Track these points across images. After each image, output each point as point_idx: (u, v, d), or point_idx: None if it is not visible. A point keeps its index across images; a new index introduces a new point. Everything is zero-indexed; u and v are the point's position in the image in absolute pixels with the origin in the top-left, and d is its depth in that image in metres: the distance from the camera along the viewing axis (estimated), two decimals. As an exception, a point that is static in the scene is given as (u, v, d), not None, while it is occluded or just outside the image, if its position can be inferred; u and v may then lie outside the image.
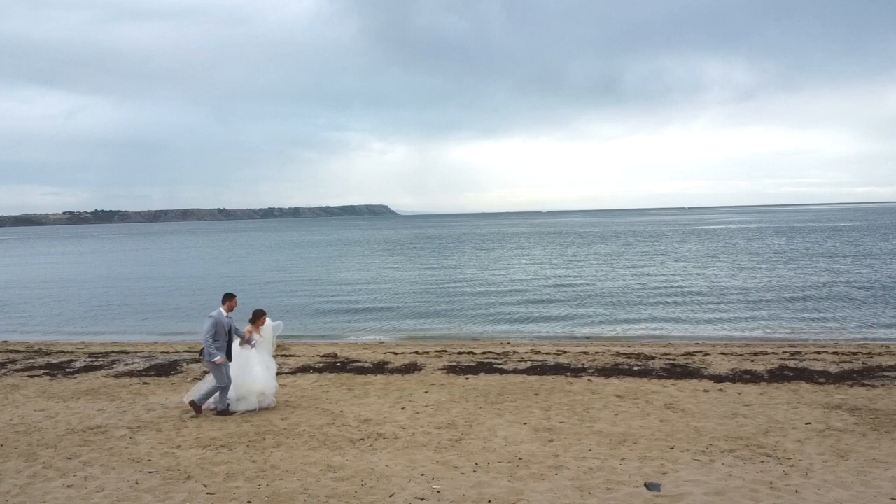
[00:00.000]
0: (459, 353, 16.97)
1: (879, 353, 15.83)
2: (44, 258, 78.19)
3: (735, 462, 8.06)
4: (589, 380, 13.22)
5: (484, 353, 17.12)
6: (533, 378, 13.52)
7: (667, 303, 27.89)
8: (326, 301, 31.62)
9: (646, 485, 7.05)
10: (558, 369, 14.33)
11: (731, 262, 45.08)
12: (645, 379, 13.24)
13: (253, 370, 10.94)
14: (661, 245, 67.68)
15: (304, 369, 14.98)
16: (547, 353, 16.73)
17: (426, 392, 12.45)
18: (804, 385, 12.44)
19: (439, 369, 14.66)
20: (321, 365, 15.48)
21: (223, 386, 10.74)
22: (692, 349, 17.21)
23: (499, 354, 16.70)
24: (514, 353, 17.01)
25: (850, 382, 12.57)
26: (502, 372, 14.22)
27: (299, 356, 16.96)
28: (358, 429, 9.95)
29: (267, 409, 11.11)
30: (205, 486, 7.61)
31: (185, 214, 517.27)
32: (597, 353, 16.87)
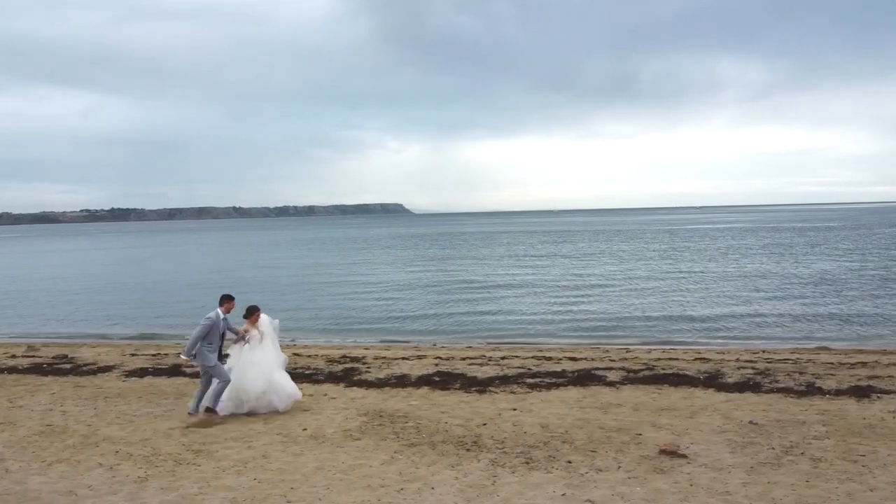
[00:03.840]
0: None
1: (570, 359, 15.84)
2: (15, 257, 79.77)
3: (119, 465, 8.29)
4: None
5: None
6: (185, 379, 13.77)
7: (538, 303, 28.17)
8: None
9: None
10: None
11: (656, 262, 45.03)
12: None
13: (244, 372, 10.46)
14: (623, 244, 68.03)
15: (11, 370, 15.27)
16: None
17: (53, 393, 12.74)
18: (423, 389, 12.51)
19: (127, 372, 14.90)
20: (26, 365, 15.81)
21: (227, 380, 10.28)
22: (409, 353, 17.37)
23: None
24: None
25: (476, 388, 12.58)
26: (172, 375, 14.45)
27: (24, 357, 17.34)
28: None
29: (275, 412, 10.58)
30: None
31: (201, 213, 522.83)
32: (324, 354, 17.13)
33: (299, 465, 8.26)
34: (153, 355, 17.36)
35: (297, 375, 13.95)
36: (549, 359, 15.94)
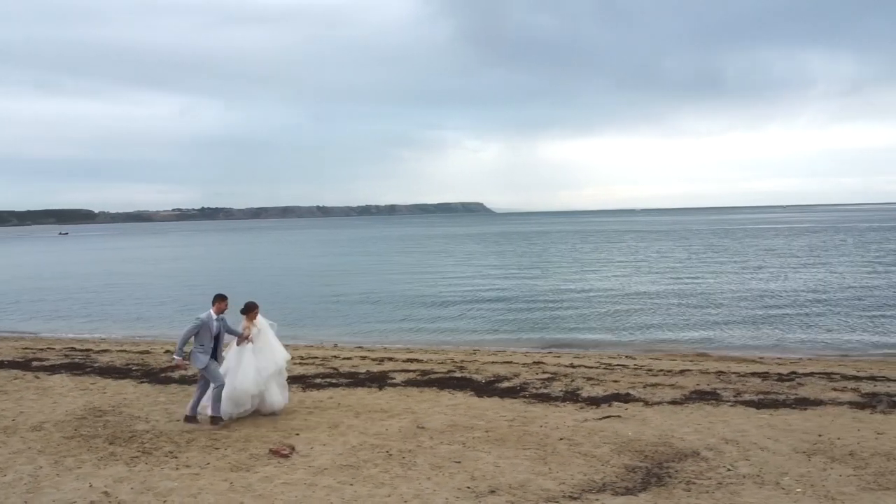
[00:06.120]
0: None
1: (408, 360, 16.03)
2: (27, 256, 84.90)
3: None
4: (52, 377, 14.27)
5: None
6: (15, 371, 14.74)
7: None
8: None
9: None
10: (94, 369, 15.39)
11: (674, 265, 44.02)
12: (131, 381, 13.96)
13: (242, 372, 10.23)
14: (664, 244, 66.56)
15: None
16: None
17: None
18: (201, 387, 13.03)
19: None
20: None
21: (221, 383, 10.02)
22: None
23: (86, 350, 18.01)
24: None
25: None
26: (14, 368, 15.46)
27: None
28: None
29: (270, 414, 10.52)
30: None
31: (285, 212, 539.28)
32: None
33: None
34: (42, 349, 18.48)
35: (125, 372, 14.80)
36: (383, 360, 16.12)
